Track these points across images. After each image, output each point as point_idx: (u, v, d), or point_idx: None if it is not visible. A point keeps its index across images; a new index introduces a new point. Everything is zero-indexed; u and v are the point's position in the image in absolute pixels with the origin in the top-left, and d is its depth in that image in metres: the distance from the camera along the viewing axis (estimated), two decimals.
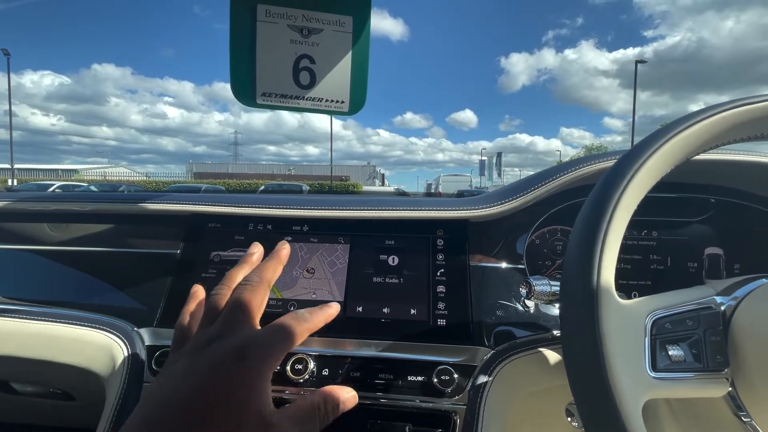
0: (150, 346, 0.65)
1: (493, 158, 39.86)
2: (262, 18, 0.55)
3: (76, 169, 41.01)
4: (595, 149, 33.01)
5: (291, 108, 0.59)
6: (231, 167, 45.78)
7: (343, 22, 0.57)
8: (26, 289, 0.75)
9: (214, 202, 0.75)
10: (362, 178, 37.72)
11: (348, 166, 44.99)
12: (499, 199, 0.70)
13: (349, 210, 0.72)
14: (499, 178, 36.28)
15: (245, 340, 0.36)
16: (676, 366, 0.40)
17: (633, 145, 0.46)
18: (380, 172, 50.50)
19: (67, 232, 0.80)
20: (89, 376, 0.65)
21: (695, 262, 0.76)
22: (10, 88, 19.89)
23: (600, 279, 0.38)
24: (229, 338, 0.36)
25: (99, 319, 0.67)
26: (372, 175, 43.29)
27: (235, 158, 61.22)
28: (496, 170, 37.99)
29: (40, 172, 35.95)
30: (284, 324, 0.40)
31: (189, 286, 0.71)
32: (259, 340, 0.37)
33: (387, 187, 29.95)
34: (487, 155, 42.39)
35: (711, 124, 0.42)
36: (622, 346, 0.38)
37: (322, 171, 40.76)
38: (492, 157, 40.23)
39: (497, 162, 38.41)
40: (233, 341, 0.36)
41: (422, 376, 0.59)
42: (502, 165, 38.70)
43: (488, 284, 0.69)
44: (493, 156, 40.05)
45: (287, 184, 16.23)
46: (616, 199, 0.40)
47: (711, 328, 0.42)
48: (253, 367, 0.35)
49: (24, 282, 0.76)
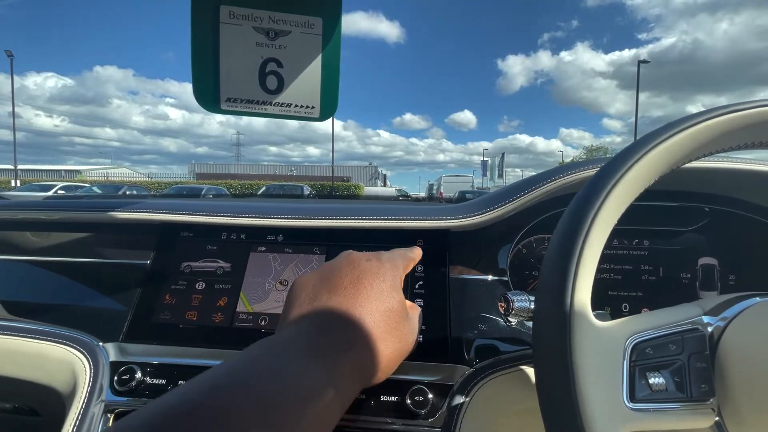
0: (114, 362, 0.62)
1: (495, 159, 39.77)
2: (225, 20, 0.52)
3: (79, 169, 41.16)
4: (595, 150, 32.79)
5: (258, 114, 0.56)
6: (233, 168, 45.85)
7: (312, 24, 0.54)
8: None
9: (186, 211, 0.72)
10: (364, 179, 37.68)
11: (350, 166, 44.92)
12: (480, 208, 0.66)
13: (325, 220, 0.69)
14: (500, 178, 36.17)
15: (376, 254, 0.48)
16: (657, 396, 0.37)
17: (613, 156, 0.43)
18: (382, 173, 50.44)
19: (31, 240, 0.77)
20: (50, 392, 0.63)
21: (688, 272, 0.73)
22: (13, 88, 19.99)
23: (574, 300, 0.35)
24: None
25: (61, 333, 0.64)
26: (374, 176, 43.23)
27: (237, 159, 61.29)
28: (498, 171, 37.87)
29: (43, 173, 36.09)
30: (397, 251, 0.51)
31: (158, 297, 0.69)
32: (384, 254, 0.48)
33: (389, 188, 29.87)
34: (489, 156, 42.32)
35: (696, 133, 0.39)
36: (597, 373, 0.35)
37: (323, 172, 40.72)
38: (495, 157, 40.16)
39: (500, 163, 38.29)
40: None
41: (395, 396, 0.56)
42: (504, 166, 38.60)
43: (469, 297, 0.66)
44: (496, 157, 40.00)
45: (288, 185, 16.21)
46: (593, 213, 0.37)
47: (696, 353, 0.39)
48: (388, 264, 0.46)
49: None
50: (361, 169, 44.49)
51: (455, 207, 0.70)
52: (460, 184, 23.23)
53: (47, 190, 13.81)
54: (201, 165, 45.17)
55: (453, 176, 26.24)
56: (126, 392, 0.58)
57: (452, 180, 25.27)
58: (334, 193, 20.96)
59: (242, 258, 0.70)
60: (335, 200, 1.26)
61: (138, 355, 0.63)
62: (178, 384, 0.59)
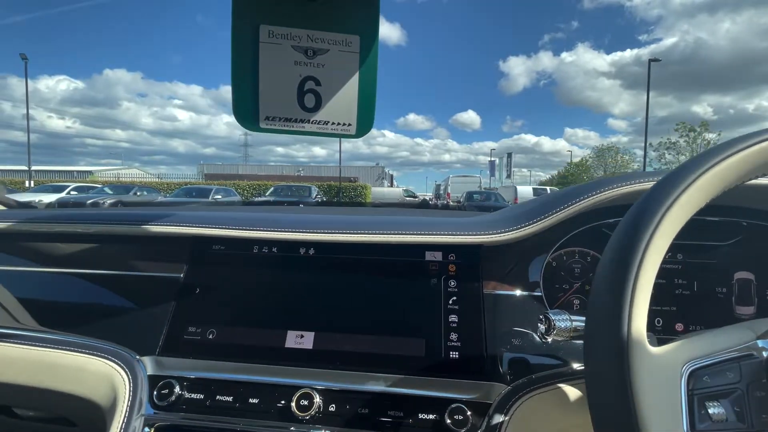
0: (152, 376, 0.63)
1: (503, 159, 39.54)
2: (265, 39, 0.52)
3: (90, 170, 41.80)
4: (606, 149, 32.35)
5: (296, 132, 0.56)
6: (241, 168, 46.18)
7: (350, 42, 0.54)
8: (28, 311, 0.74)
9: (218, 225, 0.72)
10: (371, 180, 37.69)
11: (356, 167, 44.99)
12: (516, 222, 0.66)
13: (358, 234, 0.69)
14: (508, 179, 35.92)
15: None
16: (718, 426, 0.36)
17: (668, 173, 0.42)
18: (389, 173, 50.45)
19: (67, 253, 0.79)
20: (90, 405, 0.63)
21: (724, 287, 0.72)
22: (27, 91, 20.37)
23: (631, 328, 0.35)
24: None
25: (100, 346, 0.65)
26: (381, 176, 43.24)
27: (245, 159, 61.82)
28: (506, 171, 37.64)
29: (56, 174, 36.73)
30: None
31: (192, 311, 0.69)
32: None
33: (396, 188, 29.84)
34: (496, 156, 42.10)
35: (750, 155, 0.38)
36: (657, 404, 0.35)
37: (330, 172, 40.83)
38: (502, 157, 39.92)
39: (507, 163, 38.07)
40: None
41: (434, 414, 0.56)
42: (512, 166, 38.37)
43: (502, 313, 0.65)
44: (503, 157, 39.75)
45: (296, 186, 16.29)
46: (646, 239, 0.37)
47: (755, 381, 0.38)
48: None
49: (25, 305, 0.75)
50: (368, 169, 44.54)
51: (488, 220, 0.69)
52: (468, 185, 22.97)
53: (60, 191, 14.03)
54: (210, 165, 45.56)
55: (460, 177, 25.93)
56: (165, 407, 0.59)
57: (460, 180, 24.99)
58: (342, 194, 20.98)
59: (275, 270, 0.71)
60: (362, 209, 1.26)
61: (174, 369, 0.63)
62: (215, 399, 0.60)
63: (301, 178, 35.00)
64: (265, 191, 17.47)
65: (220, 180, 28.16)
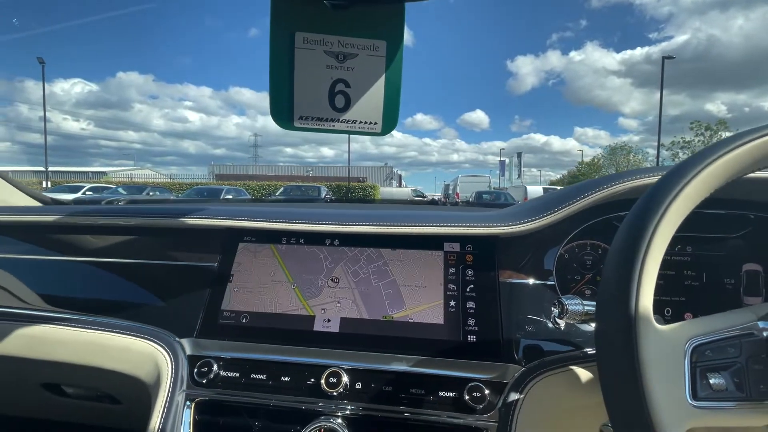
0: (191, 356, 0.68)
1: (513, 159, 39.32)
2: (300, 45, 0.57)
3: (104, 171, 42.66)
4: (619, 148, 31.90)
5: (326, 130, 0.61)
6: (251, 169, 46.66)
7: (377, 47, 0.59)
8: (76, 296, 0.80)
9: (249, 217, 0.78)
10: (379, 180, 37.75)
11: (365, 167, 45.13)
12: (530, 215, 0.70)
13: (382, 226, 0.73)
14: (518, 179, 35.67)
15: None
16: (718, 395, 0.40)
17: (673, 167, 0.45)
18: (397, 173, 50.47)
19: (110, 244, 0.85)
20: (135, 382, 0.69)
21: (732, 278, 0.74)
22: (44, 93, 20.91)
23: (639, 305, 0.39)
24: None
25: (144, 328, 0.71)
26: (389, 176, 43.30)
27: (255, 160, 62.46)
28: (516, 171, 37.42)
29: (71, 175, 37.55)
30: None
31: (226, 297, 0.75)
32: None
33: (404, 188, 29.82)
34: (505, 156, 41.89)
35: (753, 148, 0.42)
36: (662, 374, 0.38)
37: (338, 172, 41.02)
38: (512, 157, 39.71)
39: (518, 162, 37.85)
40: None
41: (453, 392, 0.60)
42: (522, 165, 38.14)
43: (517, 300, 0.69)
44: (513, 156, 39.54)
45: (306, 186, 16.44)
46: (652, 226, 0.41)
47: (754, 356, 0.42)
48: None
49: (76, 292, 0.81)
50: (376, 169, 44.65)
51: (503, 213, 0.73)
52: (477, 185, 22.75)
53: (76, 191, 14.35)
54: (220, 166, 46.14)
55: (470, 176, 25.63)
56: (204, 384, 0.64)
57: (469, 180, 24.71)
58: (351, 194, 21.07)
59: (302, 259, 0.76)
60: (379, 205, 1.30)
61: (211, 349, 0.69)
62: (250, 377, 0.65)
63: (311, 179, 35.22)
64: (275, 191, 17.63)
65: (230, 180, 28.49)
